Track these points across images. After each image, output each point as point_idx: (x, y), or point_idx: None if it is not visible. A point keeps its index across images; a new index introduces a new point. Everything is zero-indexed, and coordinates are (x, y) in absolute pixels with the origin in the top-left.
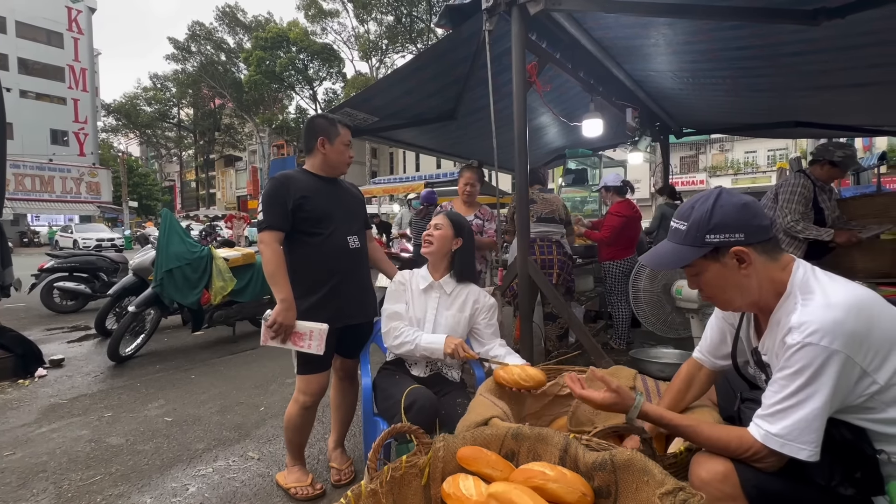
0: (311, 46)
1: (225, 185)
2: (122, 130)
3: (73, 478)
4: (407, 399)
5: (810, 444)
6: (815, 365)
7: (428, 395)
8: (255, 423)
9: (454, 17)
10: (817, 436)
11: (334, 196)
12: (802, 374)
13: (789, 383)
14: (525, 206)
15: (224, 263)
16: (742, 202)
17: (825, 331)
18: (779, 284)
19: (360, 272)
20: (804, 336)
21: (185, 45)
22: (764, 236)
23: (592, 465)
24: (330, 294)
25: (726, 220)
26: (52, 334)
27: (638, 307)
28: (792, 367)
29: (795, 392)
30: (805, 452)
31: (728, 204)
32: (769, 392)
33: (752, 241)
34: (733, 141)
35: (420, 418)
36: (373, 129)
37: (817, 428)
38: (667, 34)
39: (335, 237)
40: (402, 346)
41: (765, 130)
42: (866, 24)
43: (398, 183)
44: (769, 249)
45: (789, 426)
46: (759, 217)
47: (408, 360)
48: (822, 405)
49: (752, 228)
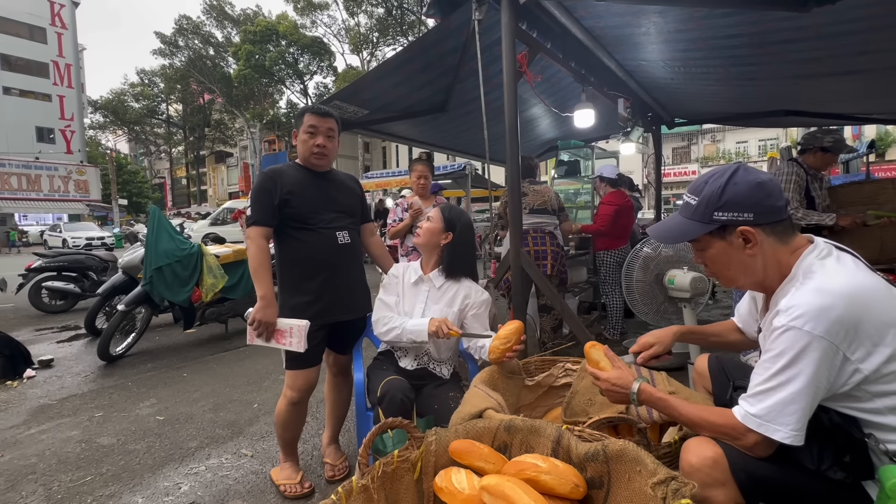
0: (301, 40)
1: (216, 181)
2: (110, 127)
3: (62, 479)
4: (381, 390)
5: (787, 427)
6: (797, 349)
7: (401, 386)
8: (248, 420)
9: (443, 6)
10: (796, 418)
11: (323, 190)
12: (784, 356)
13: (772, 365)
14: (517, 199)
15: (215, 260)
16: (758, 181)
17: (809, 316)
18: (785, 267)
19: (351, 268)
20: (789, 319)
21: (173, 40)
22: (776, 217)
23: (585, 455)
24: (318, 290)
25: (738, 198)
26: (41, 335)
27: (631, 297)
28: (775, 350)
29: (776, 374)
30: (781, 433)
31: (742, 182)
32: (754, 374)
33: (762, 222)
34: (725, 131)
35: (391, 409)
36: (363, 122)
37: (796, 410)
38: (657, 22)
39: (323, 232)
40: (389, 333)
41: (756, 120)
42: (856, 11)
43: (391, 177)
44: (779, 231)
45: (768, 407)
46: (774, 197)
47: (397, 351)
48: (801, 388)
49: (764, 209)
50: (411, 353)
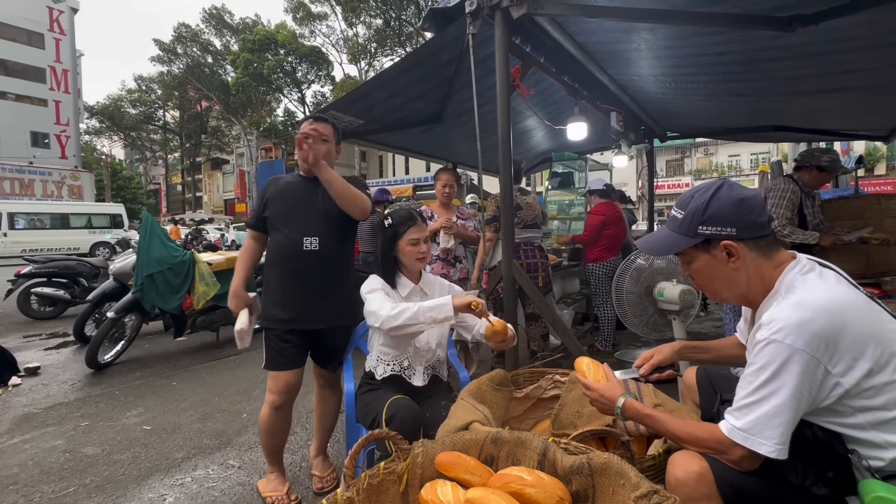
0: (300, 49)
1: (212, 188)
2: (106, 133)
3: (44, 490)
4: (388, 411)
5: (772, 440)
6: (778, 362)
7: (409, 405)
8: (236, 430)
9: (438, 20)
10: (780, 432)
11: (307, 196)
12: (766, 370)
13: (755, 379)
14: (510, 210)
15: (207, 268)
16: (740, 197)
17: (790, 329)
18: (768, 282)
19: (318, 276)
20: (770, 333)
21: (171, 47)
22: (758, 233)
23: (570, 468)
24: (284, 294)
25: (721, 213)
26: (28, 341)
27: (621, 309)
28: (758, 364)
29: (759, 387)
30: (766, 447)
31: (725, 197)
32: (739, 387)
33: (745, 237)
34: (717, 144)
35: (402, 430)
36: (359, 132)
37: (780, 424)
38: (648, 39)
39: (290, 238)
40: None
41: (746, 134)
42: (839, 32)
43: (388, 186)
44: (762, 246)
45: (753, 421)
46: (756, 213)
47: (405, 370)
48: (784, 402)
49: (746, 224)
50: (420, 367)
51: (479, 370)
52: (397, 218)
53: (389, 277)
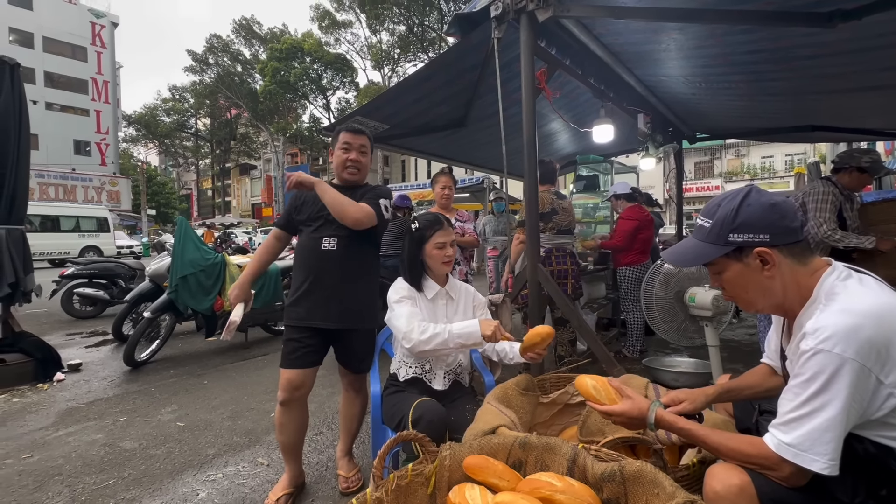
0: (325, 56)
1: (240, 192)
2: (142, 140)
3: (87, 481)
4: (415, 413)
5: (824, 456)
6: (828, 372)
7: (436, 408)
8: (264, 429)
9: (464, 25)
10: (833, 447)
11: None
12: (815, 381)
13: (802, 391)
14: (535, 214)
15: (237, 270)
16: (771, 202)
17: (839, 337)
18: (805, 290)
19: (335, 276)
20: (817, 342)
21: (203, 58)
22: (792, 238)
23: (601, 476)
24: (299, 293)
25: (752, 219)
26: (71, 339)
27: (650, 315)
28: (805, 375)
29: (808, 400)
30: (819, 464)
31: (756, 203)
32: (784, 400)
33: (779, 243)
34: (749, 146)
35: (429, 432)
36: (383, 137)
37: (832, 439)
38: (678, 39)
39: (311, 237)
40: (432, 340)
41: (781, 135)
42: (882, 26)
43: (410, 190)
44: (797, 253)
45: (803, 435)
46: (788, 218)
47: (426, 374)
48: (836, 415)
49: (779, 230)
50: (440, 371)
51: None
52: (424, 222)
53: (416, 281)
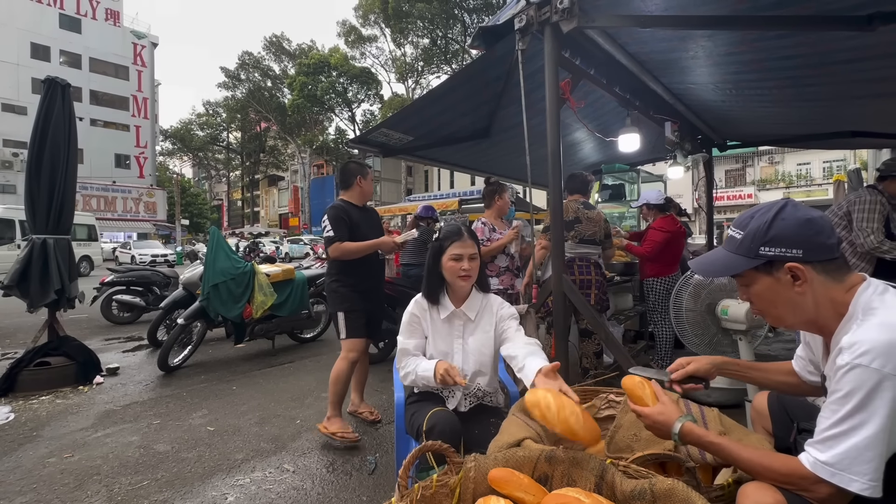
0: (351, 70)
1: (268, 203)
2: (178, 154)
3: (123, 482)
4: (429, 422)
5: (864, 476)
6: (866, 389)
7: (450, 418)
8: (291, 435)
9: (488, 38)
10: (873, 467)
11: (368, 221)
12: (852, 398)
13: (839, 408)
14: (560, 223)
15: (265, 278)
16: (807, 217)
17: (877, 352)
18: (840, 306)
19: (379, 273)
20: (854, 357)
21: (235, 74)
22: (827, 255)
23: (630, 493)
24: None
25: (785, 233)
26: (109, 344)
27: (680, 327)
28: (842, 391)
29: (846, 417)
30: (858, 484)
31: (791, 217)
32: (821, 417)
33: (812, 259)
34: (784, 152)
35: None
36: (408, 148)
37: (872, 458)
38: (706, 46)
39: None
40: (406, 378)
41: (818, 141)
42: None
43: (433, 200)
44: (832, 270)
45: (840, 454)
46: (825, 234)
47: (443, 391)
48: (876, 432)
49: (814, 245)
50: (458, 392)
51: None
52: (444, 232)
53: (433, 295)
